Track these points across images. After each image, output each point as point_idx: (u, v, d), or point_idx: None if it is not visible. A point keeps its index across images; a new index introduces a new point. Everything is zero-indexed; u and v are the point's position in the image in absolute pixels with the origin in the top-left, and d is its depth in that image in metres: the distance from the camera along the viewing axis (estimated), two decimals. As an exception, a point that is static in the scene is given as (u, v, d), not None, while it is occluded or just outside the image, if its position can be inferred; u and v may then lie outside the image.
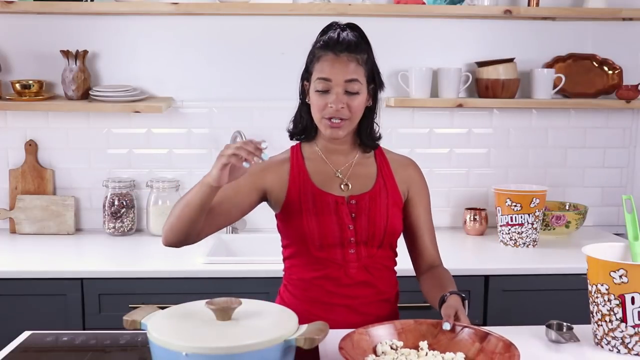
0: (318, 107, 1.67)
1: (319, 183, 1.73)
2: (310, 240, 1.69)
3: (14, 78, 2.78)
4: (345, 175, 1.75)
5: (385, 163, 1.79)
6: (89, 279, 2.35)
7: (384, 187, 1.75)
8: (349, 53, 1.66)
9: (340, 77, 1.64)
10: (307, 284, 1.73)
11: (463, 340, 1.48)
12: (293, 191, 1.72)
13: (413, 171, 1.82)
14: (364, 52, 1.69)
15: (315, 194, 1.71)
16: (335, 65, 1.65)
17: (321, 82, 1.66)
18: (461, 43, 2.93)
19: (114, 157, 2.90)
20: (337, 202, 1.70)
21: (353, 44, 1.67)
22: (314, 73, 1.68)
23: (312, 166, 1.75)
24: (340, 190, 1.73)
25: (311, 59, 1.71)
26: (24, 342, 1.60)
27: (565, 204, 2.94)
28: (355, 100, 1.66)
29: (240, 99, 2.90)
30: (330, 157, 1.76)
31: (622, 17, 2.82)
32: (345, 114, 1.66)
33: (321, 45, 1.68)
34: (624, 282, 1.49)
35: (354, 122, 1.70)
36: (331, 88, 1.65)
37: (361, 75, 1.67)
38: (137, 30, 2.84)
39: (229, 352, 1.21)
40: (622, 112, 3.01)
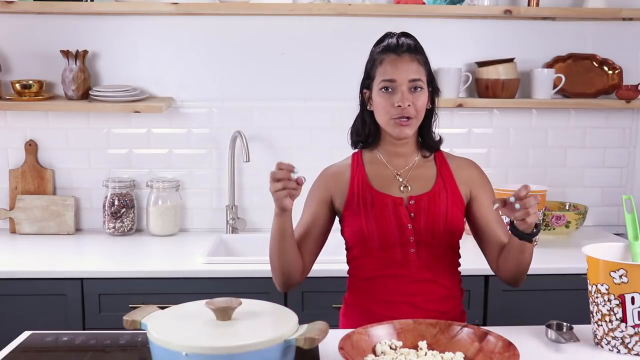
0: (385, 108, 1.70)
1: (378, 186, 1.76)
2: (371, 241, 1.72)
3: (14, 78, 2.78)
4: (405, 177, 1.78)
5: (445, 165, 1.81)
6: (89, 279, 2.35)
7: (443, 188, 1.77)
8: (410, 53, 1.71)
9: (404, 76, 1.69)
10: (370, 283, 1.76)
11: (462, 340, 1.48)
12: (352, 195, 1.76)
13: (473, 171, 1.83)
14: (423, 54, 1.74)
15: (374, 196, 1.74)
16: (398, 65, 1.69)
17: (386, 82, 1.70)
18: (461, 43, 2.93)
19: (114, 157, 2.90)
20: (396, 203, 1.73)
21: (413, 46, 1.72)
22: (376, 77, 1.72)
23: (372, 170, 1.80)
24: (399, 192, 1.76)
25: (372, 64, 1.75)
26: (24, 342, 1.60)
27: (565, 204, 2.94)
28: (419, 98, 1.70)
29: (240, 99, 2.90)
30: (391, 160, 1.80)
31: (622, 17, 2.82)
32: (411, 112, 1.69)
33: (382, 50, 1.73)
34: (624, 282, 1.49)
35: (419, 121, 1.74)
36: (396, 87, 1.69)
37: (423, 75, 1.72)
38: (137, 30, 2.84)
39: (229, 352, 1.22)
40: (622, 112, 3.01)
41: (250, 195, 2.94)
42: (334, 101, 2.86)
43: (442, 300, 1.76)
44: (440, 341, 1.49)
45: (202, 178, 2.93)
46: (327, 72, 2.88)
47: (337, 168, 1.84)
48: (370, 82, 1.75)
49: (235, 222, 2.87)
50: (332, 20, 2.80)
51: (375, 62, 1.73)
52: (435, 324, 1.52)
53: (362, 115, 1.81)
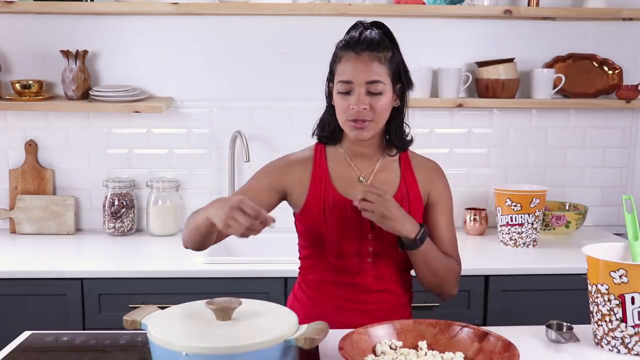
0: (341, 109, 1.64)
1: (340, 188, 1.70)
2: (329, 247, 1.67)
3: (14, 78, 2.78)
4: (368, 180, 1.71)
5: (409, 168, 1.75)
6: (89, 279, 2.35)
7: (406, 195, 1.71)
8: (370, 52, 1.61)
9: (361, 77, 1.60)
10: (322, 287, 1.72)
11: (462, 340, 1.48)
12: (314, 194, 1.69)
13: (435, 175, 1.77)
14: (387, 49, 1.63)
15: (336, 200, 1.68)
16: (356, 65, 1.61)
17: (343, 84, 1.62)
18: (461, 43, 2.93)
19: (114, 157, 2.90)
20: (358, 210, 1.64)
21: (375, 42, 1.61)
22: (336, 74, 1.65)
23: (335, 169, 1.73)
24: None
25: (333, 59, 1.68)
26: (24, 342, 1.60)
27: (565, 204, 2.94)
28: (378, 101, 1.62)
29: (240, 99, 2.90)
30: (354, 160, 1.73)
31: (622, 17, 2.82)
32: (368, 115, 1.62)
33: (342, 45, 1.65)
34: (624, 282, 1.49)
35: (378, 123, 1.65)
36: (353, 89, 1.62)
37: (384, 74, 1.62)
38: (137, 30, 2.84)
39: (229, 352, 1.21)
40: (622, 112, 3.01)
41: (250, 195, 2.93)
42: (334, 101, 2.86)
43: (394, 308, 1.72)
44: (440, 341, 1.49)
45: (202, 178, 2.93)
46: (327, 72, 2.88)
47: (299, 160, 1.75)
48: (332, 78, 1.69)
49: (235, 222, 2.87)
50: (332, 20, 2.80)
51: (336, 58, 1.66)
52: (435, 324, 1.52)
53: (327, 109, 1.75)
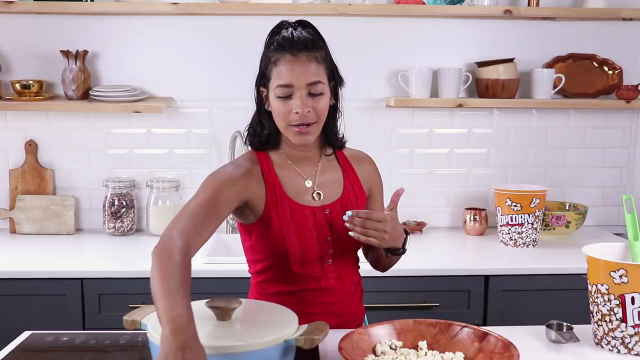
0: (282, 115, 1.56)
1: (293, 195, 1.63)
2: (293, 257, 1.61)
3: (14, 78, 2.78)
4: (314, 183, 1.68)
5: (347, 164, 1.73)
6: (89, 279, 2.35)
7: (352, 191, 1.70)
8: (307, 52, 1.54)
9: (302, 80, 1.54)
10: (285, 298, 1.63)
11: (462, 340, 1.48)
12: (270, 204, 1.61)
13: (371, 166, 1.77)
14: (321, 48, 1.58)
15: (292, 208, 1.62)
16: (295, 67, 1.53)
17: (282, 88, 1.55)
18: (461, 43, 2.93)
19: (114, 157, 2.90)
20: (315, 214, 1.63)
21: (310, 42, 1.56)
22: (272, 79, 1.57)
23: (284, 177, 1.65)
24: (313, 201, 1.65)
25: (266, 63, 1.59)
26: (24, 342, 1.60)
27: (565, 204, 2.94)
28: (320, 102, 1.57)
29: (240, 99, 2.90)
30: (298, 164, 1.67)
31: (622, 17, 2.82)
32: (312, 117, 1.56)
33: (276, 47, 1.57)
34: (624, 282, 1.49)
35: (320, 125, 1.60)
36: (293, 92, 1.55)
37: (323, 75, 1.57)
38: (137, 30, 2.84)
39: (229, 352, 1.21)
40: (622, 112, 3.01)
41: (250, 195, 2.93)
42: (334, 101, 2.86)
43: (353, 303, 1.72)
44: (440, 341, 1.49)
45: (202, 178, 2.90)
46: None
47: (249, 169, 1.62)
48: (266, 82, 1.59)
49: (235, 222, 2.87)
50: (332, 20, 2.80)
51: (270, 61, 1.57)
52: (435, 324, 1.52)
53: (259, 115, 1.65)
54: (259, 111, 1.66)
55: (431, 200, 2.99)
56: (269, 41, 1.62)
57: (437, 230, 2.96)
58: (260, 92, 1.63)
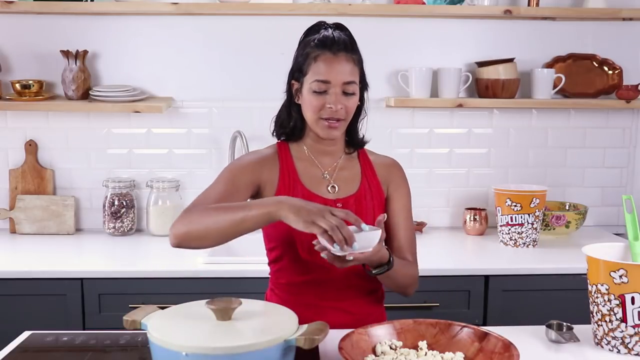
0: (314, 108, 1.65)
1: (307, 184, 1.71)
2: (299, 243, 1.66)
3: (14, 78, 2.78)
4: (332, 177, 1.74)
5: (369, 164, 1.79)
6: (89, 279, 2.35)
7: (368, 189, 1.74)
8: (346, 52, 1.64)
9: (339, 78, 1.63)
10: (296, 288, 1.72)
11: (462, 340, 1.48)
12: (282, 191, 1.69)
13: (394, 170, 1.81)
14: (357, 52, 1.68)
15: (305, 196, 1.68)
16: (333, 66, 1.62)
17: (319, 83, 1.63)
18: (461, 43, 2.93)
19: (114, 157, 2.90)
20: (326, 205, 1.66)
21: (349, 43, 1.65)
22: (309, 74, 1.65)
23: (301, 166, 1.74)
24: (327, 193, 1.72)
25: (305, 58, 1.67)
26: (24, 342, 1.60)
27: (565, 204, 2.94)
28: (351, 101, 1.66)
29: (240, 99, 2.90)
30: (317, 157, 1.75)
31: (622, 17, 2.82)
32: (342, 114, 1.65)
33: (316, 44, 1.65)
34: (624, 282, 1.49)
35: (347, 122, 1.69)
36: (329, 89, 1.63)
37: (356, 76, 1.66)
38: (137, 30, 2.84)
39: (229, 352, 1.21)
40: (622, 112, 3.01)
41: (250, 195, 2.93)
42: (334, 101, 2.86)
43: (367, 304, 1.73)
44: (440, 341, 1.49)
45: (202, 178, 2.93)
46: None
47: (266, 157, 1.73)
48: (301, 76, 1.68)
49: (235, 222, 2.87)
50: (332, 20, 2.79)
51: (309, 57, 1.65)
52: (435, 324, 1.52)
53: (288, 107, 1.74)
54: (288, 103, 1.74)
55: (431, 200, 2.99)
56: (307, 39, 1.69)
57: (437, 230, 2.96)
58: (292, 85, 1.72)
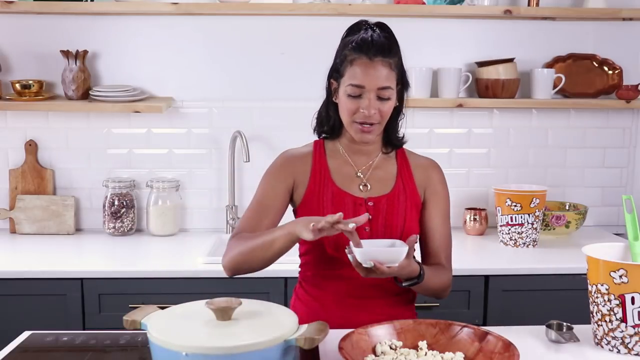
0: (349, 111, 1.66)
1: (338, 182, 1.73)
2: (326, 239, 1.67)
3: (14, 78, 2.78)
4: (365, 176, 1.75)
5: (406, 165, 1.78)
6: (89, 279, 2.35)
7: (402, 190, 1.74)
8: (382, 57, 1.63)
9: (373, 83, 1.62)
10: (322, 282, 1.73)
11: (462, 340, 1.48)
12: (313, 187, 1.72)
13: (433, 173, 1.80)
14: (395, 54, 1.66)
15: (334, 193, 1.71)
16: (369, 71, 1.62)
17: (354, 87, 1.64)
18: (461, 43, 2.93)
19: (114, 157, 2.90)
20: (356, 203, 1.70)
21: (386, 47, 1.64)
22: (345, 76, 1.66)
23: (334, 164, 1.76)
24: (359, 191, 1.73)
25: (342, 60, 1.67)
26: (24, 342, 1.60)
27: (565, 204, 2.94)
28: (385, 105, 1.66)
29: (240, 99, 2.90)
30: (352, 156, 1.77)
31: (622, 17, 2.82)
32: (376, 118, 1.66)
33: (354, 47, 1.64)
34: (624, 282, 1.49)
35: (382, 126, 1.70)
36: (363, 93, 1.64)
37: (393, 80, 1.65)
38: (137, 30, 2.84)
39: (229, 352, 1.21)
40: (622, 112, 3.01)
41: (250, 195, 2.90)
42: (334, 101, 2.86)
43: (393, 305, 1.72)
44: (440, 341, 1.49)
45: (202, 178, 2.94)
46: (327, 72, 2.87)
47: (300, 154, 1.78)
48: (338, 77, 1.69)
49: (235, 222, 2.87)
50: (332, 20, 2.80)
51: (346, 59, 1.66)
52: (435, 324, 1.52)
53: (327, 106, 1.77)
54: (327, 102, 1.76)
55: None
56: (347, 39, 1.69)
57: (437, 230, 2.95)
58: (331, 83, 1.73)
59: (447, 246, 1.78)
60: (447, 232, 1.79)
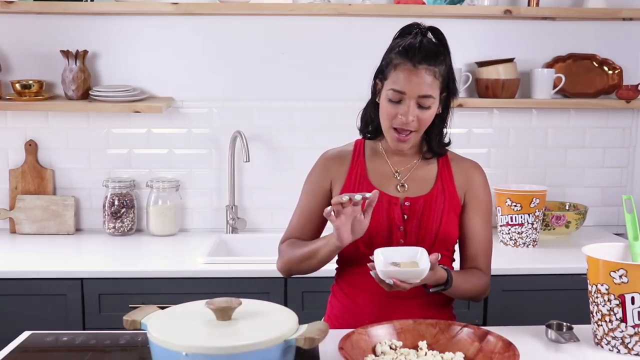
0: (388, 116, 1.66)
1: (375, 181, 1.74)
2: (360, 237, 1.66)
3: (14, 78, 2.78)
4: (404, 176, 1.75)
5: (447, 167, 1.77)
6: (89, 279, 2.35)
7: (441, 192, 1.73)
8: (427, 65, 1.61)
9: (414, 91, 1.61)
10: (355, 280, 1.73)
11: (462, 339, 1.48)
12: (349, 186, 1.74)
13: (474, 175, 1.78)
14: (442, 62, 1.64)
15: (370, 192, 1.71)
16: (411, 78, 1.61)
17: (395, 93, 1.63)
18: (461, 43, 2.91)
19: (114, 157, 2.90)
20: (390, 203, 1.70)
21: (433, 54, 1.62)
22: (388, 79, 1.65)
23: (372, 164, 1.77)
24: (396, 191, 1.73)
25: (387, 63, 1.66)
26: (24, 342, 1.60)
27: (565, 204, 2.94)
28: (425, 113, 1.64)
29: (240, 99, 2.90)
30: (392, 157, 1.77)
31: (622, 17, 2.82)
32: (414, 126, 1.65)
33: (400, 52, 1.63)
34: (624, 282, 1.49)
35: (420, 133, 1.69)
36: (403, 99, 1.63)
37: (436, 89, 1.63)
38: (137, 30, 2.84)
39: (229, 352, 1.22)
40: (622, 112, 3.01)
41: (250, 195, 2.94)
42: (334, 101, 2.86)
43: (427, 305, 1.70)
44: (440, 341, 1.49)
45: (202, 178, 2.94)
46: (327, 72, 2.88)
47: (339, 153, 1.80)
48: (383, 79, 1.68)
49: (235, 222, 2.87)
50: (332, 20, 2.80)
51: (391, 63, 1.65)
52: (435, 324, 1.52)
53: (371, 106, 1.76)
54: (372, 102, 1.75)
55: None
56: (396, 42, 1.68)
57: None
58: (376, 84, 1.72)
59: (486, 251, 1.77)
60: (487, 236, 1.78)
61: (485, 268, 1.77)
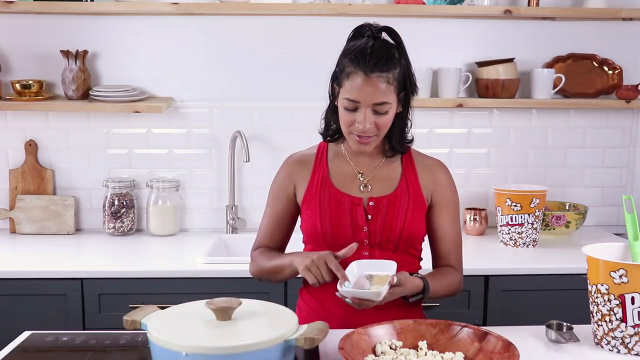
0: (345, 123, 1.66)
1: (338, 183, 1.74)
2: (324, 239, 1.69)
3: (14, 78, 2.78)
4: (368, 176, 1.75)
5: (412, 166, 1.77)
6: (89, 279, 2.35)
7: (406, 191, 1.72)
8: (380, 72, 1.59)
9: (368, 100, 1.60)
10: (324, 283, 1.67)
11: (462, 339, 1.48)
12: (312, 189, 1.74)
13: (439, 175, 1.78)
14: (396, 65, 1.62)
15: (332, 194, 1.72)
16: (364, 87, 1.59)
17: (349, 102, 1.62)
18: (461, 43, 2.93)
19: (114, 157, 2.90)
20: (353, 203, 1.70)
21: (384, 60, 1.60)
22: (342, 88, 1.64)
23: (334, 166, 1.77)
24: (359, 192, 1.73)
25: (341, 70, 1.65)
26: (24, 342, 1.60)
27: (565, 204, 2.94)
28: (383, 119, 1.64)
29: (240, 99, 2.90)
30: (354, 158, 1.77)
31: (622, 17, 2.82)
32: (372, 131, 1.64)
33: (351, 59, 1.61)
34: (624, 282, 1.49)
35: (381, 136, 1.68)
36: (359, 107, 1.62)
37: (391, 94, 1.62)
38: (137, 30, 2.84)
39: (229, 352, 1.22)
40: (622, 112, 3.01)
41: (250, 195, 2.94)
42: (334, 101, 2.86)
43: (396, 306, 1.67)
44: (440, 341, 1.49)
45: (202, 178, 2.94)
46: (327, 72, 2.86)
47: (302, 157, 1.81)
48: (338, 84, 1.67)
49: (235, 222, 2.87)
50: (332, 20, 2.80)
51: (344, 71, 1.63)
52: (435, 324, 1.52)
53: (330, 109, 1.76)
54: (331, 105, 1.76)
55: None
56: (349, 45, 1.66)
57: (437, 230, 2.95)
58: (333, 87, 1.72)
59: (456, 248, 1.80)
60: (457, 233, 1.79)
61: (457, 265, 1.80)
